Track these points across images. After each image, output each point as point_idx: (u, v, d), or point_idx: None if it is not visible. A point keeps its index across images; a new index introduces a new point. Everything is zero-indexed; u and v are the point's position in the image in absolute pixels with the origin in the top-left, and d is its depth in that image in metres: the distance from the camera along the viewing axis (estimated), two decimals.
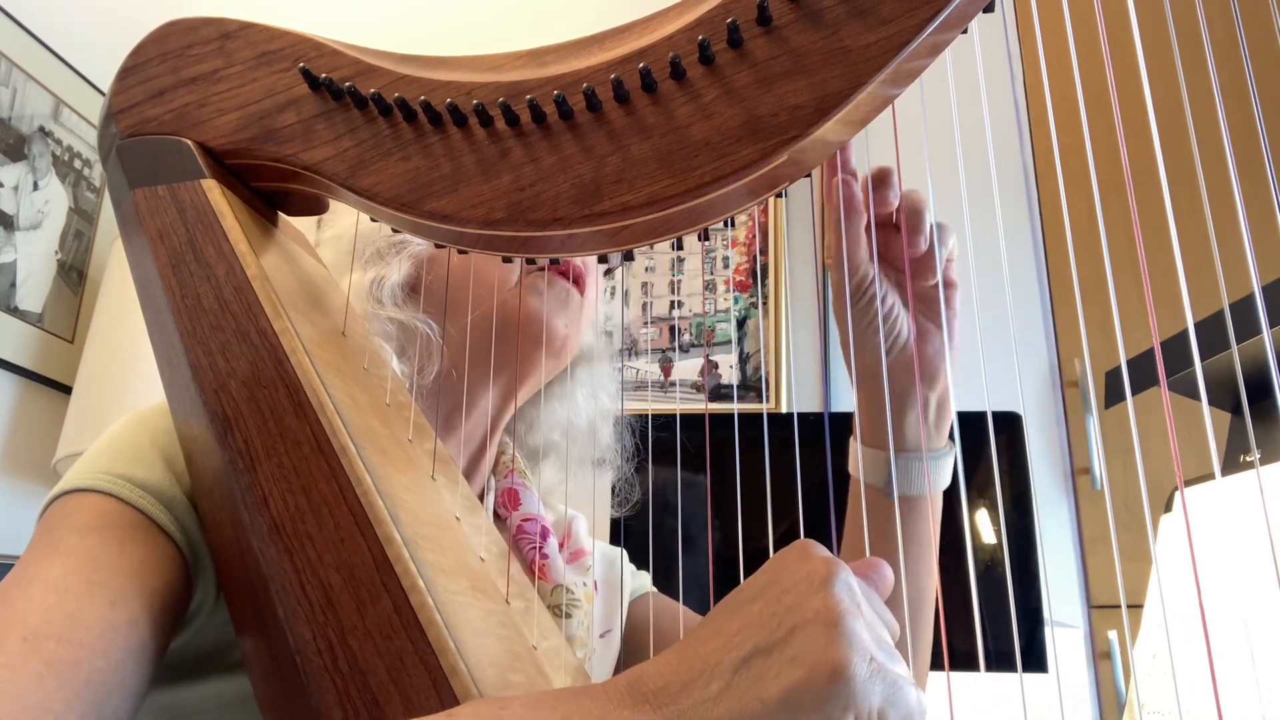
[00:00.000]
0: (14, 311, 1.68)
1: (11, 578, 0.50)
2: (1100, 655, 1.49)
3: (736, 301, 1.85)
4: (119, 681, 0.47)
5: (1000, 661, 1.39)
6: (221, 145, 0.56)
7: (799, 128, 0.47)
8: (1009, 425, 1.58)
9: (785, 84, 0.47)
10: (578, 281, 0.73)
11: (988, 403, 0.57)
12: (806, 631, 0.38)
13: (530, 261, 0.61)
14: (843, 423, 1.49)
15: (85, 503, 0.53)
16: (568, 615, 0.71)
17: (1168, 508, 0.85)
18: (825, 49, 0.47)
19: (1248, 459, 0.80)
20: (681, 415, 1.56)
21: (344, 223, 0.74)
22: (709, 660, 0.39)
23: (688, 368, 1.84)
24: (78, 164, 1.85)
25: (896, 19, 0.46)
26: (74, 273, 1.83)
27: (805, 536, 0.43)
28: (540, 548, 0.73)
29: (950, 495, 0.69)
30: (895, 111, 0.50)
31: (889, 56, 0.46)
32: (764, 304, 1.83)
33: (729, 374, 1.82)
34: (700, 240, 0.54)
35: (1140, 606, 0.84)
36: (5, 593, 0.48)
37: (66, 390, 1.74)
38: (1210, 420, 0.45)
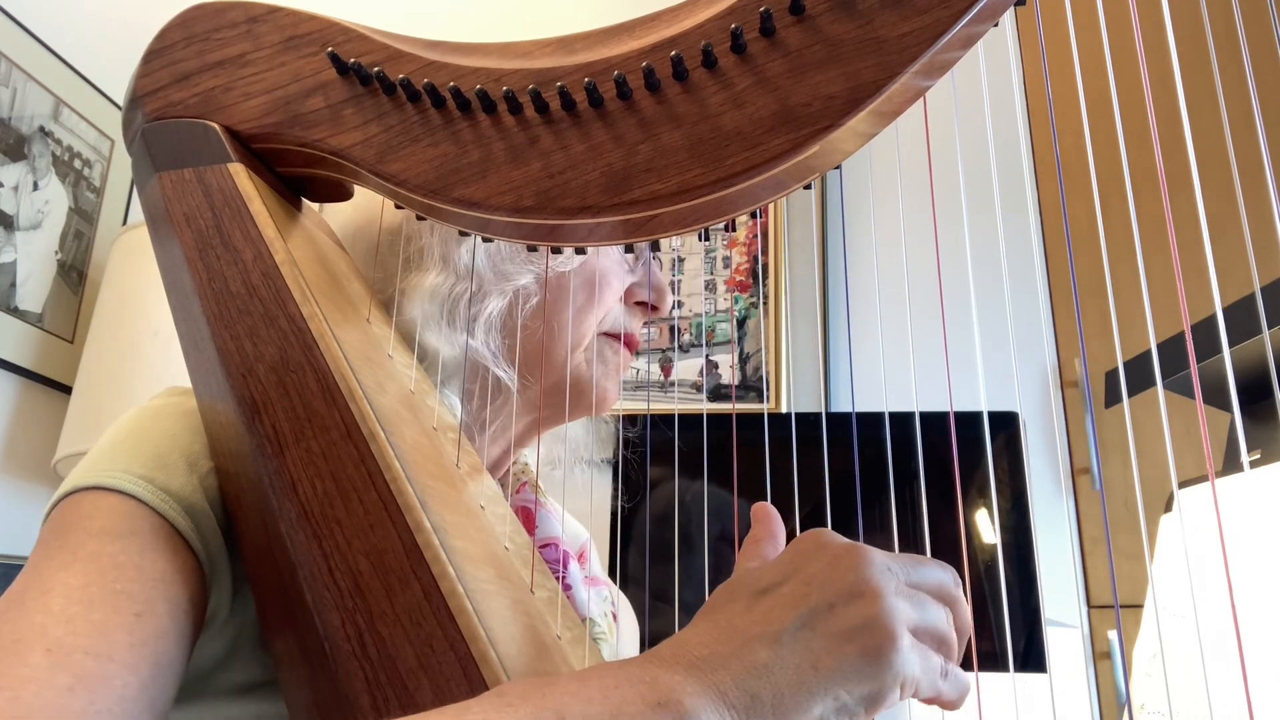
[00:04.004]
0: (14, 311, 1.66)
1: (25, 584, 0.45)
2: (1100, 655, 1.49)
3: (737, 301, 1.85)
4: (149, 699, 0.44)
5: (999, 662, 1.39)
6: (248, 129, 0.56)
7: (832, 117, 0.47)
8: (1009, 425, 1.58)
9: (818, 73, 0.47)
10: (630, 345, 0.73)
11: (987, 403, 0.57)
12: (852, 606, 0.40)
13: (556, 251, 0.60)
14: (842, 422, 1.49)
15: (104, 503, 0.49)
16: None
17: (1167, 508, 0.85)
18: (859, 39, 0.47)
19: (1249, 458, 0.81)
20: (681, 415, 1.56)
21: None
22: (749, 633, 0.40)
23: (688, 368, 1.84)
24: (78, 164, 1.84)
25: (931, 9, 0.46)
26: (74, 273, 1.81)
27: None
28: (562, 577, 0.69)
29: (950, 495, 0.69)
30: (926, 103, 0.50)
31: (923, 47, 0.46)
32: (764, 304, 1.83)
33: (729, 374, 1.82)
34: (726, 231, 0.54)
35: (1139, 606, 0.84)
36: (21, 601, 0.44)
37: (66, 390, 1.72)
38: (1238, 416, 0.45)
